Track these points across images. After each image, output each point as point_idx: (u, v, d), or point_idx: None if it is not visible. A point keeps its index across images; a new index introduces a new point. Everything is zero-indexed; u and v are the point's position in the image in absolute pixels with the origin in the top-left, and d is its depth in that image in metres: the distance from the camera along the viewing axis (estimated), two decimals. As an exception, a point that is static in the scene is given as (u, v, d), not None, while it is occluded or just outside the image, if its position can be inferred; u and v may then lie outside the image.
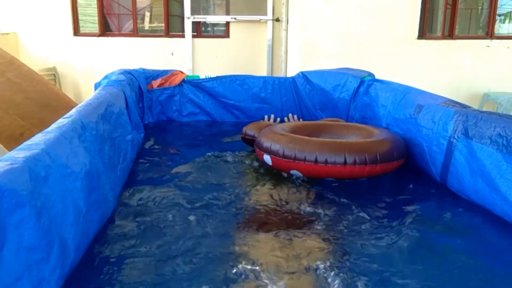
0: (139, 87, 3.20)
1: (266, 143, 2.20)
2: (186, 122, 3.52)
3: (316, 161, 2.01)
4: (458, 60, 5.91)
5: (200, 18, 6.13)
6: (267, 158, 2.20)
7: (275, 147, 2.13)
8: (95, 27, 6.19)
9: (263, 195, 2.02)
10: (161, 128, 3.41)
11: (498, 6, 6.20)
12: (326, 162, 2.01)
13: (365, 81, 3.20)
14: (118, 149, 2.08)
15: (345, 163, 1.99)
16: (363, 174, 2.06)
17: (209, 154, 2.60)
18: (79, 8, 6.14)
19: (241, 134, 2.63)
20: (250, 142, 2.55)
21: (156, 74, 3.44)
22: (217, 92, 3.52)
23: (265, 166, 2.33)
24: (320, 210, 1.83)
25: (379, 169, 2.07)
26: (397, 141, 2.22)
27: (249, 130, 2.59)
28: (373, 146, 2.09)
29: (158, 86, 3.41)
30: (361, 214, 1.81)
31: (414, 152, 2.38)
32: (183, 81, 3.49)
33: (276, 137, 2.19)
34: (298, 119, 3.34)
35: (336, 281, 1.31)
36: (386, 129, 2.51)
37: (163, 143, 2.94)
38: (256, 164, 2.44)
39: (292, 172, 2.14)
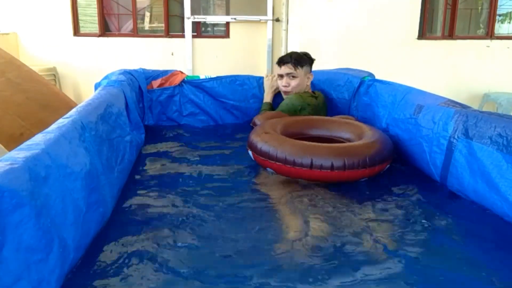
0: (139, 87, 3.20)
1: (251, 139, 2.35)
2: (186, 122, 3.51)
3: (285, 162, 2.07)
4: (458, 60, 5.92)
5: (200, 18, 6.13)
6: (250, 153, 2.35)
7: (256, 144, 2.25)
8: (95, 27, 6.19)
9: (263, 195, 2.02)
10: (161, 128, 3.41)
11: (498, 6, 6.20)
12: (294, 163, 2.05)
13: (365, 81, 3.20)
14: (117, 150, 2.08)
15: (311, 166, 2.02)
16: (330, 178, 2.06)
17: (210, 155, 2.60)
18: (79, 8, 6.14)
19: (251, 123, 2.82)
20: None
21: (156, 74, 3.43)
22: (217, 92, 3.52)
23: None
24: (310, 216, 1.83)
25: (347, 175, 2.04)
26: (377, 146, 2.15)
27: (258, 120, 2.77)
28: (343, 151, 2.07)
29: (158, 86, 3.40)
30: (355, 214, 1.81)
31: (414, 152, 2.38)
32: (183, 81, 3.48)
33: (259, 135, 2.30)
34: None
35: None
36: (380, 132, 2.39)
37: (163, 144, 2.94)
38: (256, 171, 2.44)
39: (268, 169, 2.23)
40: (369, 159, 2.06)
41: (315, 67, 4.00)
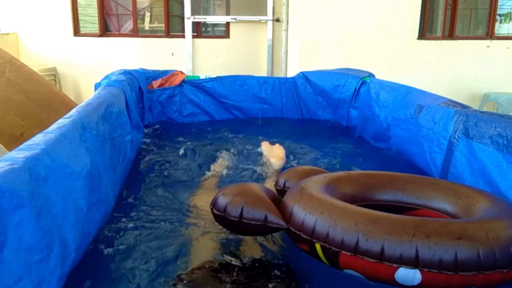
0: (139, 87, 3.20)
1: (294, 210, 1.34)
2: (186, 122, 3.52)
3: (381, 257, 1.16)
4: (458, 60, 5.92)
5: (200, 18, 6.14)
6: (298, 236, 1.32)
7: (323, 227, 1.25)
8: (95, 27, 6.19)
9: None
10: (162, 128, 3.41)
11: (498, 6, 6.20)
12: (382, 257, 1.15)
13: (365, 81, 3.20)
14: (118, 149, 2.08)
15: (416, 263, 1.13)
16: (450, 284, 1.16)
17: (210, 156, 2.60)
18: (79, 8, 6.14)
19: (276, 185, 1.76)
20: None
21: (156, 75, 3.44)
22: (217, 93, 3.52)
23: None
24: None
25: (482, 280, 1.16)
26: None
27: (286, 179, 1.72)
28: (472, 234, 1.17)
29: (158, 86, 3.41)
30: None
31: (415, 152, 2.38)
32: (183, 81, 3.49)
33: (318, 207, 1.31)
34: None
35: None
36: (499, 197, 1.49)
37: (163, 144, 2.94)
38: (260, 165, 2.44)
39: (347, 271, 1.25)
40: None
41: (315, 67, 4.00)
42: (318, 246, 1.23)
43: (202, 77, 3.55)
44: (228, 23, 6.26)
